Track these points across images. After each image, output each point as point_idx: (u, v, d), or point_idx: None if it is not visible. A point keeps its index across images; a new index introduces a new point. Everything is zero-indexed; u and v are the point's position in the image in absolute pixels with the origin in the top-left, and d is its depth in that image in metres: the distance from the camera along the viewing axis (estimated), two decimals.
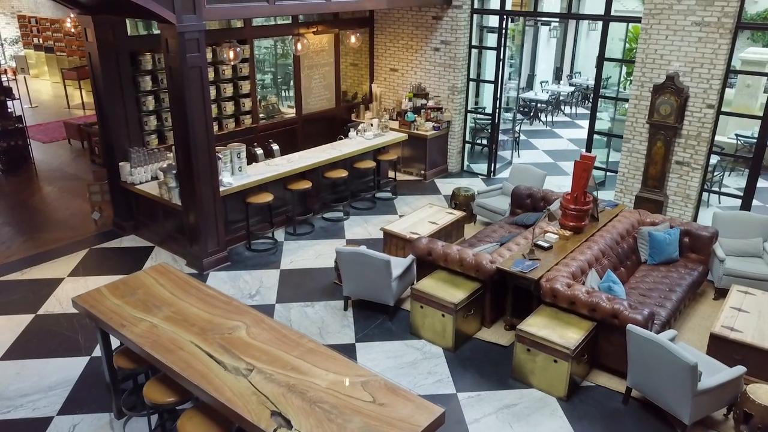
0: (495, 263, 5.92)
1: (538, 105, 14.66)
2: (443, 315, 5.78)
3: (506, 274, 5.87)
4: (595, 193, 6.83)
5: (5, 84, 10.64)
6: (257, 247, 7.96)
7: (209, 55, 8.68)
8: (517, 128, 12.24)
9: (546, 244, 6.20)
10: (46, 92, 17.97)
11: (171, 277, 5.17)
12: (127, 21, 7.74)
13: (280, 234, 8.35)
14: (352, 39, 9.41)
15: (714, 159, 9.56)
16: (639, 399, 5.22)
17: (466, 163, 11.19)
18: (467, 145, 11.16)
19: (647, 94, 8.35)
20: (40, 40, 19.11)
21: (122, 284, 5.06)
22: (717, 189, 9.50)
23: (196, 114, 6.71)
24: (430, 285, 6.01)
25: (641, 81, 8.44)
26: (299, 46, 8.75)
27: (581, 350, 5.18)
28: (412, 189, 10.11)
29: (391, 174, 10.12)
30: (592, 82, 15.27)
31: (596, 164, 10.35)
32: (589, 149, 9.57)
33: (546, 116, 14.89)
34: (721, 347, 5.31)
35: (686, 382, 4.51)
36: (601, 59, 9.18)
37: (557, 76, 16.91)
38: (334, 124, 10.86)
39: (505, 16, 9.82)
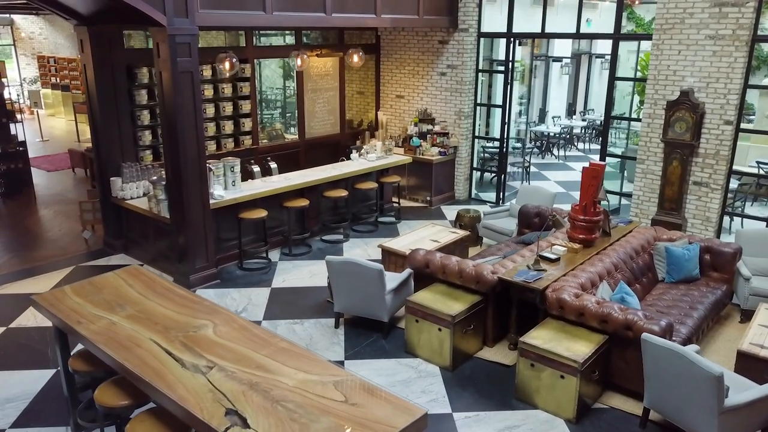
0: (497, 274, 5.45)
1: (550, 138, 14.35)
2: (440, 329, 5.29)
3: (509, 285, 5.39)
4: (605, 204, 6.39)
5: (8, 107, 10.60)
6: (250, 266, 7.56)
7: (208, 72, 8.54)
8: (527, 158, 11.90)
9: (553, 256, 5.72)
10: (59, 128, 18.11)
11: (142, 279, 4.78)
12: (124, 34, 7.65)
13: (275, 255, 7.96)
14: (355, 58, 9.24)
15: (734, 183, 9.09)
16: (659, 422, 4.63)
17: (474, 191, 10.80)
18: (476, 175, 10.83)
19: (661, 112, 7.98)
20: (58, 79, 19.43)
21: (88, 284, 4.68)
22: (740, 212, 8.95)
23: (187, 120, 6.47)
24: (426, 297, 5.54)
25: (654, 98, 8.09)
26: (299, 61, 8.57)
27: (591, 365, 4.63)
28: (416, 214, 9.72)
29: (394, 200, 9.75)
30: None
31: (611, 190, 9.96)
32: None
33: (558, 150, 14.54)
34: (750, 366, 4.73)
35: (711, 397, 3.95)
36: (612, 78, 8.88)
37: (570, 112, 16.67)
38: (338, 149, 10.60)
39: (512, 39, 9.61)
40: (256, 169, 8.22)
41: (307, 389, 3.29)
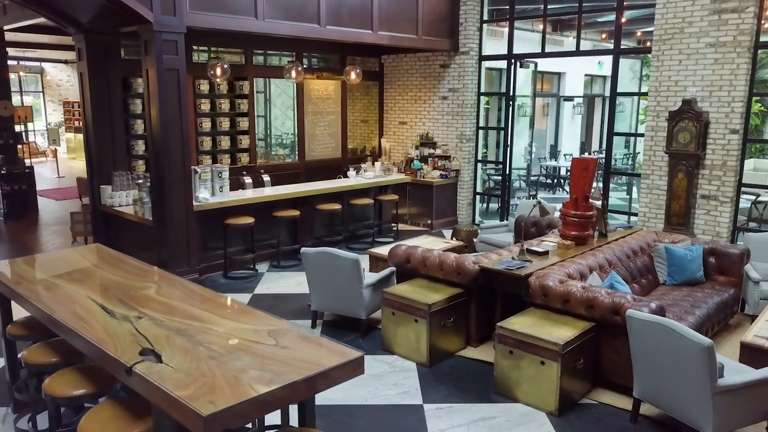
0: (479, 264, 5.12)
1: (561, 175, 14.08)
2: (416, 320, 4.93)
3: (492, 276, 5.04)
4: (600, 204, 6.06)
5: (17, 130, 10.79)
6: (235, 276, 7.33)
7: (206, 87, 8.59)
8: (532, 186, 11.63)
9: (541, 250, 5.38)
10: (78, 168, 18.43)
11: (102, 255, 4.59)
12: (122, 44, 7.77)
13: (264, 267, 7.72)
14: (353, 75, 9.23)
15: (746, 203, 8.68)
16: (652, 417, 4.15)
17: (478, 218, 10.51)
18: (483, 206, 10.56)
19: (663, 124, 7.72)
20: (81, 123, 19.99)
21: (43, 258, 4.52)
22: (755, 228, 8.46)
23: (172, 118, 6.41)
24: (404, 289, 5.22)
25: (656, 111, 7.85)
26: (293, 74, 8.58)
27: (575, 351, 4.22)
28: (416, 236, 9.41)
29: (393, 225, 9.52)
30: (619, 157, 14.82)
31: (617, 209, 9.60)
32: (606, 190, 8.81)
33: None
34: (754, 358, 4.23)
35: (702, 374, 3.51)
36: (614, 94, 8.70)
37: (583, 151, 16.45)
38: (339, 173, 10.47)
39: (513, 60, 9.56)
40: (248, 180, 8.10)
41: (236, 334, 3.00)
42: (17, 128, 11.77)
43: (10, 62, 18.40)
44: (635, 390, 4.07)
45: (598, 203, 6.04)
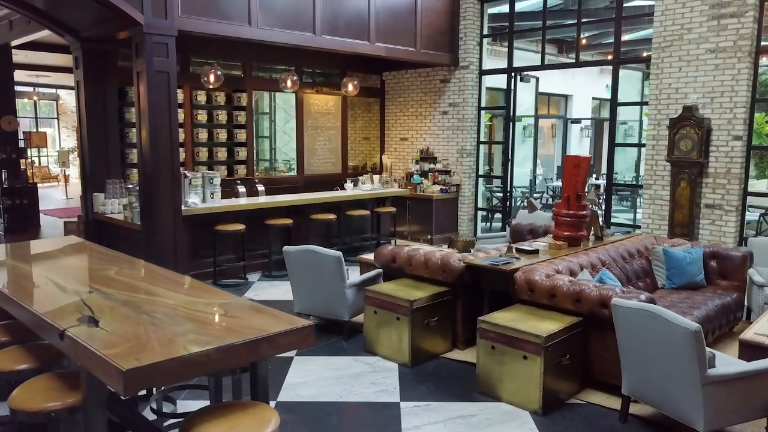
0: (464, 261, 4.93)
1: None
2: (398, 318, 4.73)
3: (478, 273, 4.84)
4: (596, 208, 5.86)
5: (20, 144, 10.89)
6: (225, 284, 7.18)
7: (203, 98, 8.60)
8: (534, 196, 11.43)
9: (530, 248, 5.18)
10: None
11: (77, 247, 4.48)
12: (119, 53, 7.82)
13: (255, 276, 7.58)
14: (350, 87, 9.19)
15: (754, 215, 8.40)
16: (642, 417, 3.88)
17: (480, 234, 10.31)
18: (483, 223, 10.38)
19: (665, 132, 7.54)
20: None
21: (15, 246, 4.41)
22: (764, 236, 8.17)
23: (161, 120, 6.37)
24: (387, 287, 5.03)
25: (657, 119, 7.68)
26: (289, 83, 8.56)
27: (560, 346, 3.99)
28: None
29: (392, 238, 9.37)
30: (628, 179, 14.59)
31: (620, 222, 9.35)
32: (608, 206, 8.59)
33: None
34: (754, 356, 3.95)
35: (691, 363, 3.27)
36: (614, 103, 8.57)
37: (590, 173, 16.26)
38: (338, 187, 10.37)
39: (513, 74, 9.49)
40: (242, 189, 8.02)
41: (186, 306, 2.85)
42: (31, 153, 11.92)
43: (26, 88, 18.91)
44: (624, 386, 3.81)
45: (595, 206, 5.85)
